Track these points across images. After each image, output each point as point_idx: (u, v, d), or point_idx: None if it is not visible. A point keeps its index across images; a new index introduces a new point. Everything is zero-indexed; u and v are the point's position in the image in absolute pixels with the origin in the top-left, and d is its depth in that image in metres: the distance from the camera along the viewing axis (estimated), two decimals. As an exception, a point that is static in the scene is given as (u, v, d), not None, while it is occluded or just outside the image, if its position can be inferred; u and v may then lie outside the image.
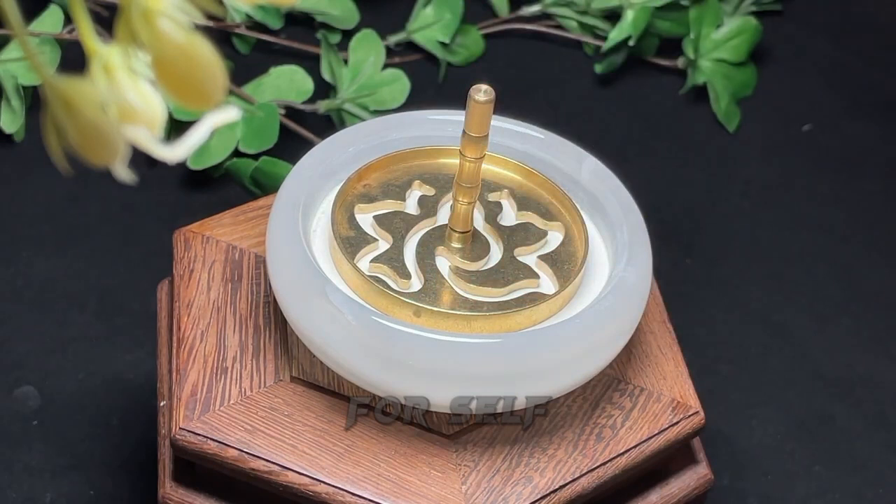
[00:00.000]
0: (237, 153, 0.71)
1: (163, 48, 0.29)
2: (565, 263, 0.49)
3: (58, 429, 0.59)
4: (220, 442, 0.46)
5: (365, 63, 0.75)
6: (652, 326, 0.52)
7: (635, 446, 0.48)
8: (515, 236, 0.50)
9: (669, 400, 0.50)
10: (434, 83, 0.79)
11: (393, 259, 0.48)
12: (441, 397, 0.45)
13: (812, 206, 0.75)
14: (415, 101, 0.75)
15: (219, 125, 0.30)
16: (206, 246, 0.53)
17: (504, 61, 0.82)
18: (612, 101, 0.81)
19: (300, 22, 0.81)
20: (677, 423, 0.49)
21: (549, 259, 0.49)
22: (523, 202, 0.51)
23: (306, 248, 0.47)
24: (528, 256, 0.49)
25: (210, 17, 0.34)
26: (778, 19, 0.86)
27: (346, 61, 0.75)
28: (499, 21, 0.83)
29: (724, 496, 0.60)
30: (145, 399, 0.60)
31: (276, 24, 0.79)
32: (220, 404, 0.47)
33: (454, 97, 0.63)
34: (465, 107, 0.46)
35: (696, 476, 0.52)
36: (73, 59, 0.72)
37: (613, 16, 0.81)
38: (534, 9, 0.83)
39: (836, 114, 0.81)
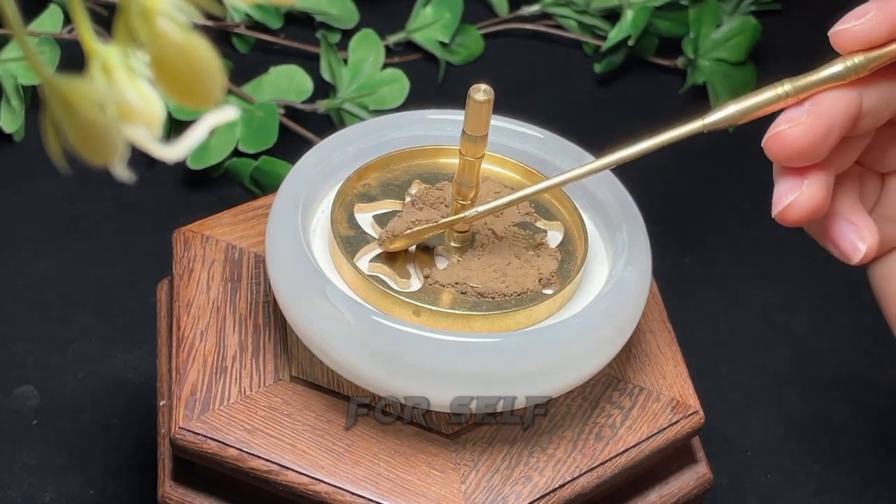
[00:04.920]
0: (237, 153, 0.71)
1: (162, 47, 0.29)
2: (564, 263, 0.49)
3: (58, 428, 0.59)
4: (219, 441, 0.46)
5: (364, 63, 0.75)
6: (651, 326, 0.52)
7: (635, 446, 0.48)
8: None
9: (669, 399, 0.50)
10: (433, 83, 0.79)
11: (392, 258, 0.48)
12: (441, 397, 0.45)
13: (812, 205, 0.75)
14: (414, 100, 0.75)
15: (218, 124, 0.30)
16: (205, 245, 0.53)
17: (503, 61, 0.82)
18: (612, 101, 0.81)
19: (300, 21, 0.81)
20: (677, 422, 0.49)
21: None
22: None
23: (306, 248, 0.47)
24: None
25: (209, 16, 0.34)
26: (777, 19, 0.86)
27: (345, 61, 0.75)
28: (498, 21, 0.83)
29: (724, 496, 0.60)
30: (145, 399, 0.61)
31: (275, 23, 0.79)
32: (219, 404, 0.47)
33: (454, 97, 0.63)
34: (465, 106, 0.46)
35: (695, 476, 0.52)
36: (73, 59, 0.72)
37: (613, 15, 0.81)
38: (533, 8, 0.83)
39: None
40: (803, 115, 0.42)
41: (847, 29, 0.42)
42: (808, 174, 0.43)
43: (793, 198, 0.43)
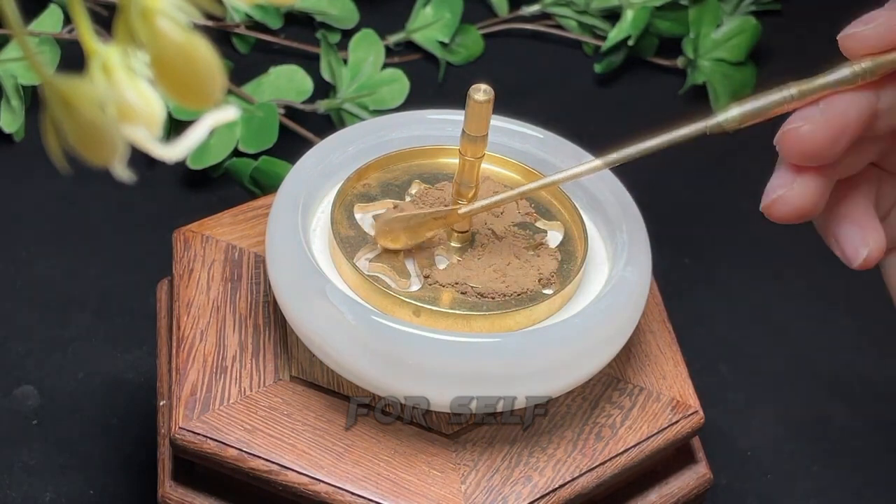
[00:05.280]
0: (237, 153, 0.71)
1: (162, 47, 0.29)
2: (564, 263, 0.49)
3: (57, 428, 0.59)
4: (219, 441, 0.46)
5: (364, 63, 0.75)
6: (651, 326, 0.52)
7: (634, 446, 0.48)
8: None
9: (669, 399, 0.50)
10: (433, 83, 0.79)
11: (392, 258, 0.48)
12: (441, 397, 0.45)
13: (812, 205, 0.75)
14: (414, 100, 0.75)
15: (218, 124, 0.30)
16: (205, 245, 0.53)
17: (503, 61, 0.82)
18: (612, 101, 0.81)
19: (300, 22, 0.81)
20: (676, 422, 0.49)
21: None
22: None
23: (306, 248, 0.47)
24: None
25: (209, 16, 0.34)
26: (778, 19, 0.86)
27: (345, 61, 0.75)
28: (498, 21, 0.83)
29: (724, 496, 0.60)
30: (145, 399, 0.61)
31: (275, 23, 0.79)
32: (219, 404, 0.47)
33: (454, 97, 0.63)
34: (465, 106, 0.46)
35: (695, 476, 0.52)
36: (73, 59, 0.72)
37: (613, 15, 0.81)
38: (533, 8, 0.83)
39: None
40: (817, 114, 0.42)
41: (856, 33, 0.42)
42: (803, 173, 0.43)
43: (781, 193, 0.43)
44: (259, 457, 0.46)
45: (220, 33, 0.79)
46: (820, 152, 0.42)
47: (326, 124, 0.74)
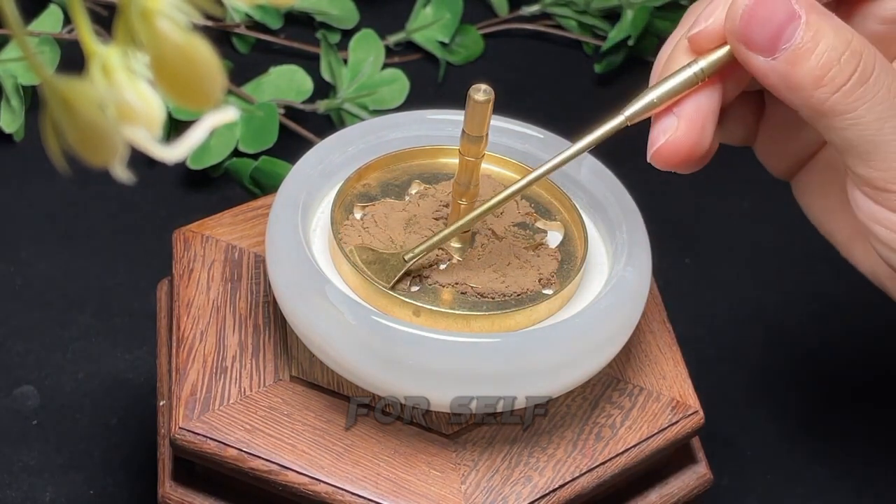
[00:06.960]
0: (237, 153, 0.71)
1: (161, 48, 0.29)
2: (564, 263, 0.49)
3: (57, 428, 0.59)
4: (219, 441, 0.46)
5: (364, 63, 0.75)
6: (651, 326, 0.52)
7: (635, 446, 0.48)
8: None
9: (669, 399, 0.50)
10: (433, 83, 0.79)
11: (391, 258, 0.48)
12: (441, 397, 0.45)
13: (812, 205, 0.75)
14: (414, 100, 0.75)
15: (218, 125, 0.30)
16: (205, 245, 0.53)
17: (503, 61, 0.82)
18: (612, 101, 0.80)
19: (300, 22, 0.81)
20: (677, 422, 0.49)
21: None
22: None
23: (306, 248, 0.47)
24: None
25: (209, 16, 0.34)
26: (777, 19, 0.86)
27: (345, 61, 0.75)
28: (498, 21, 0.83)
29: (724, 496, 0.60)
30: (145, 399, 0.61)
31: (275, 23, 0.80)
32: (219, 404, 0.47)
33: (453, 97, 0.63)
34: (465, 106, 0.46)
35: (695, 476, 0.52)
36: (73, 59, 0.72)
37: (613, 15, 0.81)
38: (533, 8, 0.83)
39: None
40: (675, 122, 0.44)
41: (703, 30, 0.45)
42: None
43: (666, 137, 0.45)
44: (259, 457, 0.46)
45: (220, 33, 0.79)
46: (694, 153, 0.45)
47: (326, 124, 0.74)
